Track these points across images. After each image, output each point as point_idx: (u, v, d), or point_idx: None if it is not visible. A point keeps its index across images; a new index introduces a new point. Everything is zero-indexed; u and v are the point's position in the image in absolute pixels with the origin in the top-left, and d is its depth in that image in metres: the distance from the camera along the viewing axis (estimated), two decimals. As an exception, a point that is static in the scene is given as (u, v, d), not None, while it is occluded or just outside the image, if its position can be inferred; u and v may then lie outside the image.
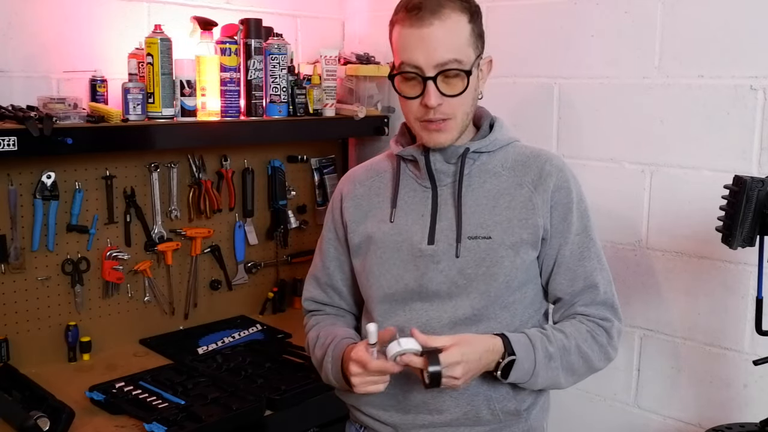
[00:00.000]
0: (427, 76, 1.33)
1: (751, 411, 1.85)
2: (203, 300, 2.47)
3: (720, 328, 1.91)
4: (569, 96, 2.15)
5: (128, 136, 2.00)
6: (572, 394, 2.18)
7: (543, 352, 1.36)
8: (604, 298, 1.44)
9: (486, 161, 1.45)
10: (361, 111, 2.47)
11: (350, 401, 1.53)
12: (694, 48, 1.89)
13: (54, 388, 1.86)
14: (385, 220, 1.47)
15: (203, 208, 2.39)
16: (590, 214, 1.46)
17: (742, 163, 1.82)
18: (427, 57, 1.32)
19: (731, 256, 1.84)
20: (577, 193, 1.44)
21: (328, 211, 1.61)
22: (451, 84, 1.35)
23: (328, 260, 1.59)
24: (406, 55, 1.35)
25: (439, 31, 1.32)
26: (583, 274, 1.43)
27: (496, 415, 1.41)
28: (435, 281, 1.41)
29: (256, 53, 2.27)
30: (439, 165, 1.43)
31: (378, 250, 1.46)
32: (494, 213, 1.41)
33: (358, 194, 1.53)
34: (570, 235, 1.42)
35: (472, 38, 1.37)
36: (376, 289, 1.47)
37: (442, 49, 1.32)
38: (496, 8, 2.27)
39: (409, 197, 1.47)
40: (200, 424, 1.77)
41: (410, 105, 1.38)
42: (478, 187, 1.43)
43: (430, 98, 1.33)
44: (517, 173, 1.43)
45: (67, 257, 2.12)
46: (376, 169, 1.56)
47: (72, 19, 2.08)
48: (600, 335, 1.42)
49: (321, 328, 1.55)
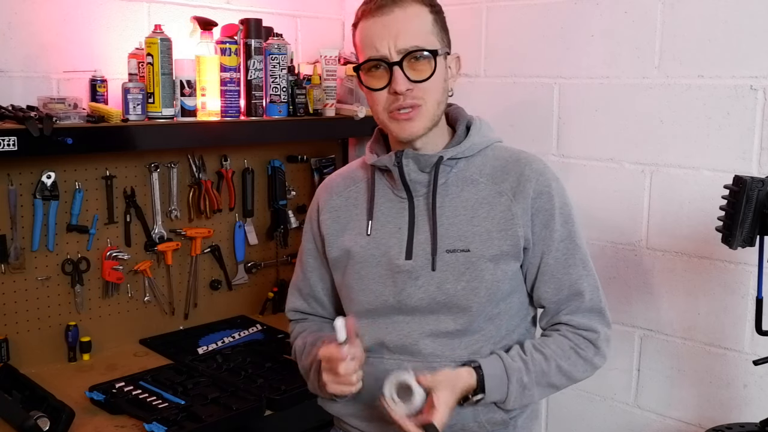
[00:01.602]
0: (392, 62, 1.31)
1: (751, 411, 1.85)
2: (203, 300, 2.47)
3: (720, 328, 1.91)
4: (569, 96, 2.15)
5: (128, 136, 2.00)
6: (572, 394, 2.18)
7: (517, 384, 1.35)
8: (591, 305, 1.40)
9: (464, 168, 1.40)
10: (361, 111, 2.47)
11: (333, 411, 1.51)
12: (694, 48, 1.89)
13: (54, 388, 1.86)
14: (362, 233, 1.44)
15: (203, 208, 2.39)
16: (575, 219, 1.41)
17: (742, 163, 1.82)
18: (391, 43, 1.31)
19: (731, 256, 1.84)
20: (560, 197, 1.40)
21: (307, 221, 1.58)
22: (417, 69, 1.33)
23: (308, 271, 1.56)
24: (370, 48, 1.33)
25: (400, 17, 1.31)
26: (569, 282, 1.39)
27: (483, 426, 1.39)
28: (414, 297, 1.38)
29: (256, 53, 2.27)
30: (413, 175, 1.39)
31: (356, 264, 1.43)
32: (473, 224, 1.37)
33: (335, 206, 1.50)
34: (553, 242, 1.38)
35: (435, 29, 1.36)
36: (356, 304, 1.44)
37: (405, 34, 1.31)
38: (496, 8, 2.27)
39: (386, 208, 1.43)
40: (200, 424, 1.77)
41: (378, 97, 1.35)
42: (455, 196, 1.39)
43: (398, 83, 1.31)
44: (496, 180, 1.39)
45: (67, 257, 2.12)
46: (352, 177, 1.52)
47: (72, 19, 2.08)
48: (585, 349, 1.39)
49: (307, 336, 1.53)
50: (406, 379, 1.27)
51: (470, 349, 1.38)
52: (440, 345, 1.38)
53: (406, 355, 1.40)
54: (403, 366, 1.36)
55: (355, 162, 1.56)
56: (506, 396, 1.34)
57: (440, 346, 1.38)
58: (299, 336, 1.56)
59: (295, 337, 1.57)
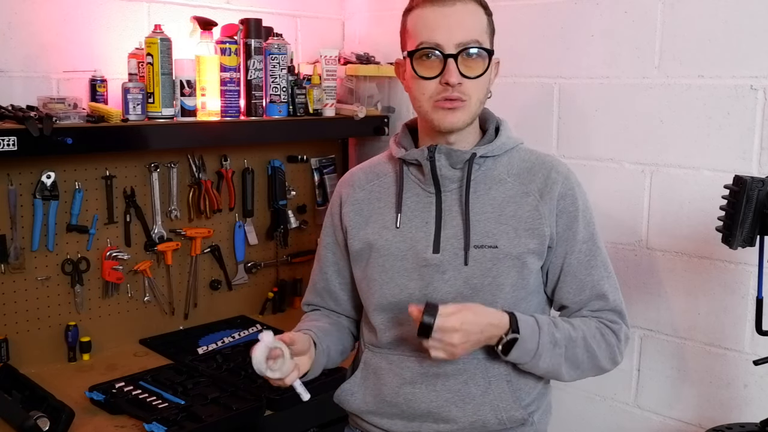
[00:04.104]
0: (448, 53, 1.31)
1: (751, 411, 1.85)
2: (203, 300, 2.47)
3: (720, 328, 1.91)
4: (569, 96, 2.15)
5: (128, 136, 2.00)
6: (572, 394, 2.18)
7: (549, 337, 1.33)
8: (613, 306, 1.42)
9: (491, 167, 1.42)
10: (361, 111, 2.47)
11: (351, 409, 1.51)
12: (694, 48, 1.89)
13: (54, 388, 1.86)
14: (387, 226, 1.44)
15: (203, 208, 2.39)
16: (596, 222, 1.45)
17: (742, 163, 1.82)
18: (449, 34, 1.31)
19: (731, 256, 1.84)
20: (582, 201, 1.43)
21: (327, 215, 1.58)
22: (470, 66, 1.33)
23: (326, 265, 1.57)
24: (426, 34, 1.33)
25: (461, 11, 1.32)
26: (591, 282, 1.41)
27: (503, 423, 1.39)
28: (440, 291, 1.38)
29: (256, 53, 2.27)
30: (444, 170, 1.39)
31: (380, 257, 1.43)
32: (500, 221, 1.38)
33: (358, 198, 1.50)
34: (576, 243, 1.40)
35: (488, 30, 1.38)
36: (378, 297, 1.44)
37: (464, 28, 1.32)
38: (496, 8, 2.25)
39: (413, 202, 1.43)
40: (200, 424, 1.77)
41: (425, 86, 1.34)
42: (483, 194, 1.40)
43: (451, 75, 1.31)
44: (523, 181, 1.41)
45: (67, 257, 2.12)
46: (376, 171, 1.52)
47: (72, 19, 2.08)
48: (608, 335, 1.40)
49: (301, 326, 1.53)
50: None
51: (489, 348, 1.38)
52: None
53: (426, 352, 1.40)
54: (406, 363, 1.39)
55: (377, 157, 1.56)
56: (537, 346, 1.32)
57: None
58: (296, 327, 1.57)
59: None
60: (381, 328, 1.44)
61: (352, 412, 1.52)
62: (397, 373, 1.41)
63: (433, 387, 1.40)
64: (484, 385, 1.38)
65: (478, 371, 1.38)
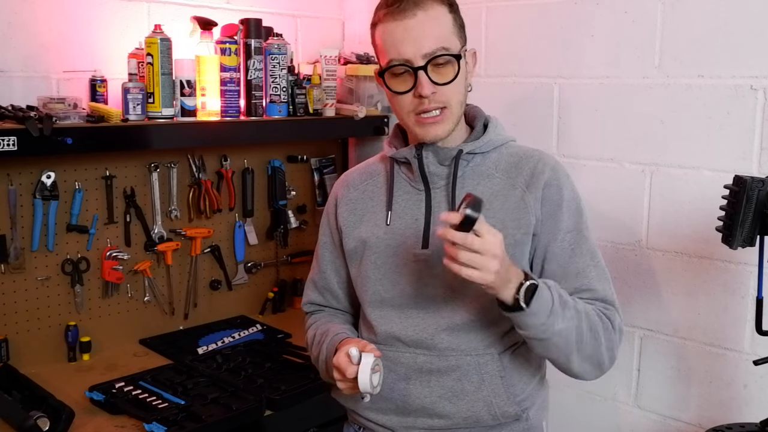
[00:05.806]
0: (417, 66, 1.32)
1: (751, 411, 1.85)
2: (203, 300, 2.47)
3: (720, 328, 1.91)
4: (569, 96, 2.15)
5: (128, 136, 2.00)
6: (572, 394, 2.18)
7: (558, 298, 1.28)
8: (603, 296, 1.39)
9: (479, 162, 1.44)
10: (361, 111, 2.47)
11: (348, 404, 1.53)
12: (694, 48, 1.88)
13: (54, 388, 1.86)
14: (379, 224, 1.46)
15: (203, 208, 2.39)
16: (585, 214, 1.43)
17: (742, 163, 1.82)
18: (415, 47, 1.32)
19: (731, 256, 1.84)
20: (569, 191, 1.42)
21: (324, 215, 1.61)
22: (441, 72, 1.34)
23: (324, 264, 1.59)
24: (393, 51, 1.34)
25: (423, 21, 1.32)
26: (575, 270, 1.39)
27: (497, 419, 1.40)
28: (431, 285, 1.40)
29: (256, 53, 2.27)
30: (432, 167, 1.42)
31: (373, 254, 1.46)
32: (488, 215, 1.36)
33: (352, 198, 1.53)
34: (559, 232, 1.39)
35: (455, 28, 1.37)
36: (372, 294, 1.46)
37: (428, 38, 1.32)
38: (496, 8, 2.27)
39: (403, 200, 1.46)
40: (200, 424, 1.77)
41: (402, 100, 1.37)
42: (471, 189, 1.41)
43: (424, 87, 1.32)
44: (510, 175, 1.42)
45: (67, 257, 2.12)
46: (369, 171, 1.55)
47: (72, 19, 2.08)
48: (605, 320, 1.36)
49: (318, 326, 1.56)
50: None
51: (485, 342, 1.39)
52: (456, 338, 1.39)
53: (421, 348, 1.41)
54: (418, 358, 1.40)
55: (372, 158, 1.59)
56: (552, 303, 1.27)
57: (456, 340, 1.39)
58: (311, 327, 1.59)
59: (308, 328, 1.60)
60: (376, 324, 1.45)
61: (349, 407, 1.53)
62: (392, 369, 1.42)
63: (427, 383, 1.41)
64: (477, 381, 1.39)
65: (472, 368, 1.39)
